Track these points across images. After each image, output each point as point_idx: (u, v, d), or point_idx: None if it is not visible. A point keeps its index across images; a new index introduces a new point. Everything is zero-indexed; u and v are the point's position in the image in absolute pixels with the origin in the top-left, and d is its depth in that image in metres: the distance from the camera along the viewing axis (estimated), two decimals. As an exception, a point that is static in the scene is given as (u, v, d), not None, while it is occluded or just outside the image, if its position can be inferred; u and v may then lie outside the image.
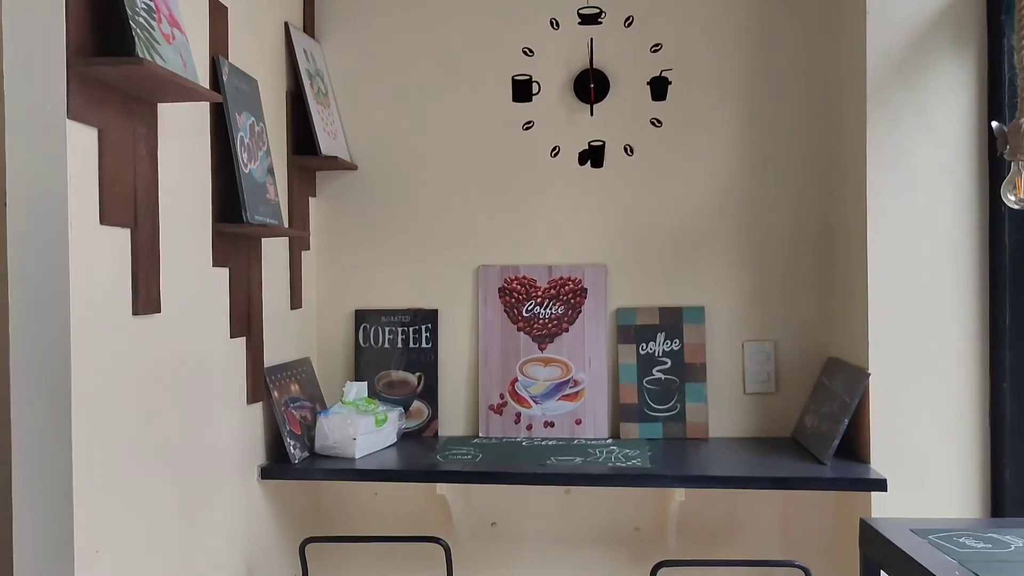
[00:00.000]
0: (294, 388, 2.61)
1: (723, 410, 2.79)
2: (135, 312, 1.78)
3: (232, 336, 2.25)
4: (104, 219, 1.67)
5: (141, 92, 1.74)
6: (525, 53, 2.84)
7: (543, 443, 2.71)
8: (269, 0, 2.53)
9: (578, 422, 2.80)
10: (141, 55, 1.59)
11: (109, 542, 1.69)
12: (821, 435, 2.48)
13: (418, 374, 2.87)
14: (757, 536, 2.69)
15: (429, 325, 2.88)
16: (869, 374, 2.37)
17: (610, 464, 2.44)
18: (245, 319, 2.31)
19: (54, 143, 1.55)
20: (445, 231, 2.87)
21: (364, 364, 2.89)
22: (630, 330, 2.81)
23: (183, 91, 1.75)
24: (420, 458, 2.55)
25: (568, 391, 2.82)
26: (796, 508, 2.69)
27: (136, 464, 1.79)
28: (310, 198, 2.85)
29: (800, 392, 2.75)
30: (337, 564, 2.74)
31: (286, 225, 2.55)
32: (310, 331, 2.87)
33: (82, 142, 1.62)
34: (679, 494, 2.42)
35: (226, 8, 2.21)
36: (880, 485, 2.26)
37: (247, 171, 2.21)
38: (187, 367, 2.01)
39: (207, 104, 2.09)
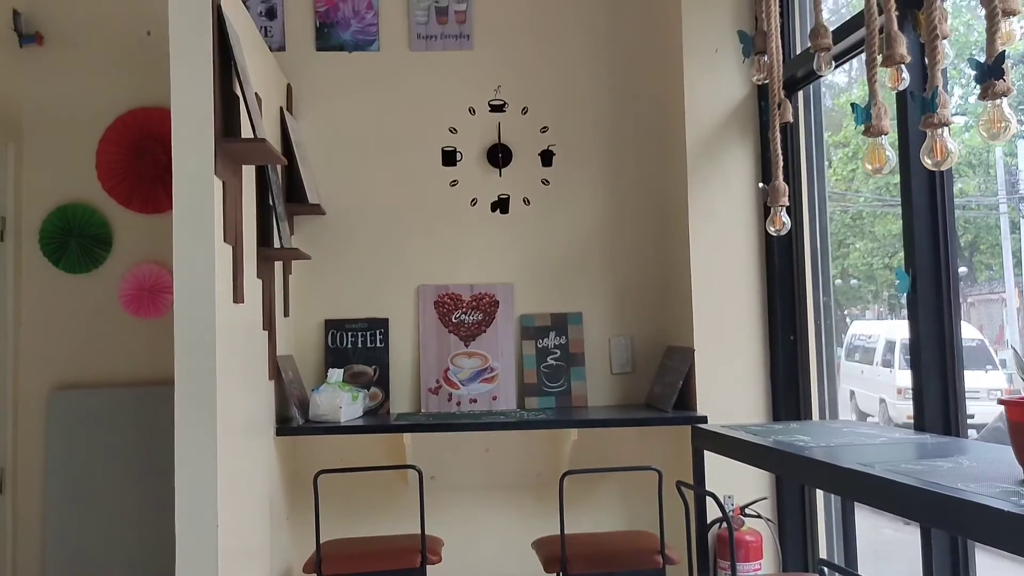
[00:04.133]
0: (291, 374, 3.58)
1: (597, 386, 3.97)
2: (234, 301, 2.75)
3: (263, 328, 3.22)
4: (225, 238, 2.66)
5: (246, 158, 2.75)
6: (451, 131, 4.00)
7: (470, 412, 3.80)
8: (272, 92, 3.56)
9: (494, 398, 3.91)
10: (261, 136, 2.61)
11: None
12: (665, 396, 3.71)
13: (374, 367, 3.89)
14: (626, 462, 3.86)
15: (382, 330, 3.91)
16: (694, 350, 3.63)
17: (523, 419, 3.56)
18: (269, 318, 3.29)
19: (206, 190, 2.55)
20: (392, 259, 3.94)
21: (332, 360, 3.88)
22: (531, 330, 3.96)
23: (271, 157, 2.77)
24: (384, 421, 3.57)
25: (487, 376, 3.92)
26: (650, 442, 3.85)
27: (239, 425, 2.74)
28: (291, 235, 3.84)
29: (650, 371, 3.98)
30: (338, 492, 3.60)
31: (286, 253, 3.54)
32: (293, 334, 3.84)
33: (217, 189, 2.61)
34: (573, 434, 3.57)
35: (259, 98, 3.24)
36: (702, 420, 3.50)
37: (278, 210, 3.23)
38: (252, 346, 2.97)
39: (255, 165, 3.10)
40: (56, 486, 3.46)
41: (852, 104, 2.28)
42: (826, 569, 3.08)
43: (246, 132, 2.86)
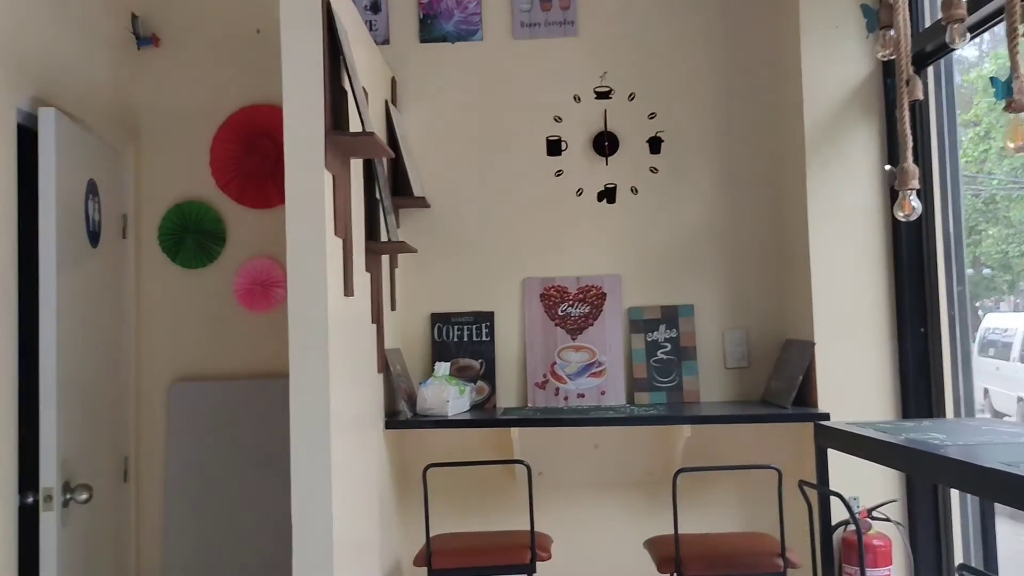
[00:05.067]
0: (398, 367, 3.66)
1: (710, 381, 3.91)
2: (345, 294, 2.83)
3: (372, 322, 3.30)
4: (336, 232, 2.73)
5: (355, 151, 2.82)
6: (555, 120, 4.00)
7: (578, 407, 3.80)
8: (377, 85, 3.64)
9: (603, 393, 3.90)
10: (369, 130, 2.68)
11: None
12: (784, 391, 3.62)
13: (480, 360, 3.94)
14: (741, 461, 3.79)
15: (487, 323, 3.96)
16: (814, 344, 3.53)
17: (633, 414, 3.54)
18: (378, 311, 3.37)
19: (316, 184, 2.63)
20: (497, 252, 3.97)
21: (438, 354, 3.94)
22: (640, 323, 3.93)
23: (379, 150, 2.84)
24: (491, 415, 3.61)
25: (595, 370, 3.91)
26: (767, 440, 3.77)
27: (351, 418, 2.82)
28: (397, 228, 3.92)
29: (766, 365, 3.89)
30: (444, 486, 3.66)
31: (393, 246, 3.62)
32: (400, 328, 3.92)
33: (327, 182, 2.69)
34: (686, 430, 3.53)
35: (366, 92, 3.31)
36: (824, 417, 3.40)
37: (385, 203, 3.30)
38: (361, 339, 3.06)
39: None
40: (176, 475, 3.64)
41: (991, 78, 2.18)
42: (967, 574, 2.95)
43: (354, 126, 2.94)
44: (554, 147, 4.00)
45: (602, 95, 3.99)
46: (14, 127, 2.76)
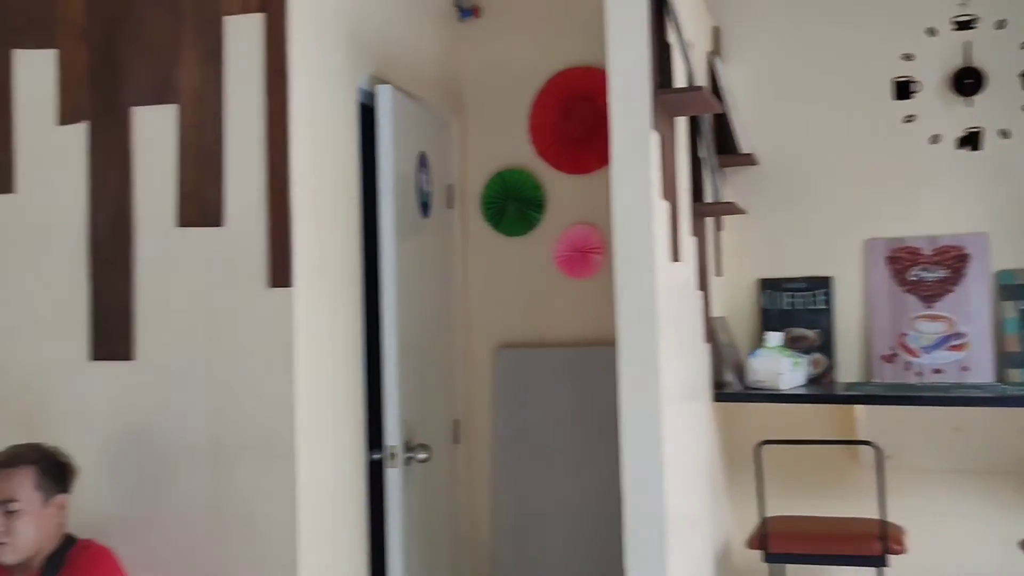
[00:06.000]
0: (725, 337, 3.52)
1: (1103, 358, 3.36)
2: (672, 260, 2.75)
3: (698, 288, 3.19)
4: (664, 195, 2.65)
5: (681, 108, 2.72)
6: (904, 58, 3.60)
7: (934, 384, 3.43)
8: (700, 36, 3.49)
9: (964, 368, 3.49)
10: (697, 84, 2.56)
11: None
12: None
13: (815, 330, 3.68)
14: None
15: (823, 290, 3.69)
16: None
17: (1006, 394, 3.12)
18: (703, 278, 3.25)
19: (643, 145, 2.56)
20: (835, 211, 3.68)
21: (767, 322, 3.74)
22: (1011, 288, 3.46)
23: (707, 105, 2.71)
24: (830, 390, 3.36)
25: (954, 342, 3.51)
26: None
27: (681, 389, 2.75)
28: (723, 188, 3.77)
29: None
30: (776, 464, 3.49)
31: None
32: (726, 294, 3.78)
33: (653, 143, 2.61)
34: (1075, 416, 3.05)
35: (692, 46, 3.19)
36: None
37: (710, 162, 3.16)
38: (688, 307, 2.97)
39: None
40: (502, 439, 3.79)
41: None
42: None
43: (680, 82, 2.83)
44: (903, 89, 3.61)
45: (963, 25, 3.53)
46: (356, 106, 2.97)
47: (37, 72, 2.73)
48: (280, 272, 2.54)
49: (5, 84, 2.75)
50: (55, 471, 2.35)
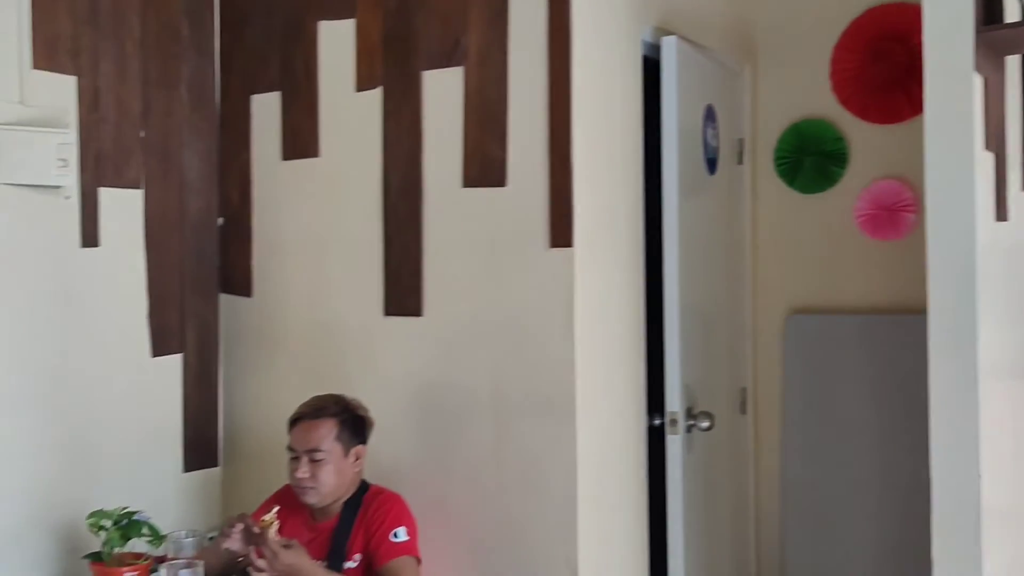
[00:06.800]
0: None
1: None
2: (997, 219, 2.46)
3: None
4: (987, 146, 2.36)
5: (1011, 47, 2.40)
6: None
7: None
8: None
9: None
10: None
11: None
12: None
13: None
14: None
15: None
16: None
17: None
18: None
19: (963, 90, 2.29)
20: None
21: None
22: None
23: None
24: None
25: None
26: None
27: (1002, 364, 2.46)
28: None
29: None
30: None
31: None
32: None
33: (976, 87, 2.33)
34: None
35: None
36: None
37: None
38: (1017, 272, 2.66)
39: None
40: (792, 410, 3.62)
41: None
42: None
43: (1012, 15, 2.50)
44: None
45: None
46: (639, 58, 2.92)
47: (338, 42, 2.94)
48: (561, 233, 2.57)
49: (312, 55, 2.99)
50: (355, 424, 2.56)
